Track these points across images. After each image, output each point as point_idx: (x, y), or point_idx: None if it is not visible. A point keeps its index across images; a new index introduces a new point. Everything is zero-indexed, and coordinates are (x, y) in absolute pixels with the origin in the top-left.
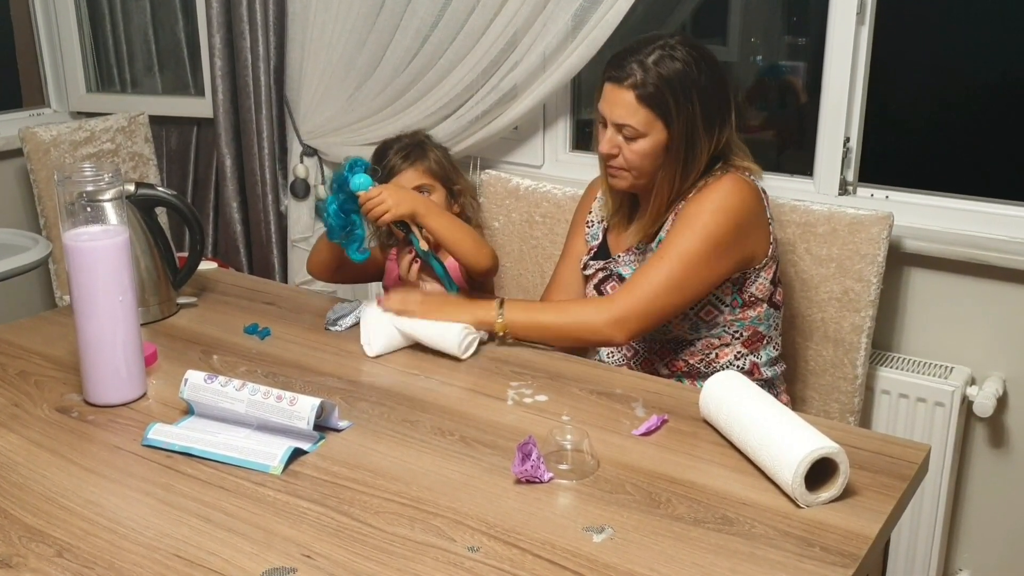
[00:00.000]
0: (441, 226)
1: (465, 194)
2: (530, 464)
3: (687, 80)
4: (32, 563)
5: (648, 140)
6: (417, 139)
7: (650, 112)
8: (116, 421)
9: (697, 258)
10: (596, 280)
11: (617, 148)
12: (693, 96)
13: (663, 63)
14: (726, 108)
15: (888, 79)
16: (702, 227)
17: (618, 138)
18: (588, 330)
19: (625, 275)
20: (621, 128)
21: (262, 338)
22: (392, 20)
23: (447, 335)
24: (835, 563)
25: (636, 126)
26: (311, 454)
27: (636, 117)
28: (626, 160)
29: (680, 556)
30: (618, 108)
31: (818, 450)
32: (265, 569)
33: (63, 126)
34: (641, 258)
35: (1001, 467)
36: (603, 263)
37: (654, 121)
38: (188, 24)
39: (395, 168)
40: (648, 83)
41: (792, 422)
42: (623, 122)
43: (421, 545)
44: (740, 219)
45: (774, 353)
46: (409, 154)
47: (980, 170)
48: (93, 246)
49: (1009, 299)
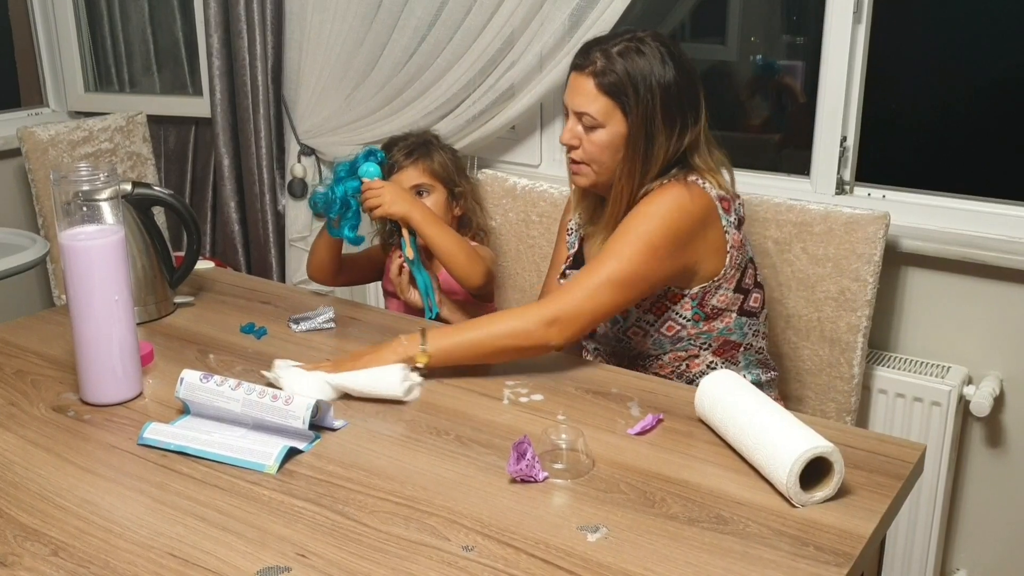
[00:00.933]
0: (434, 236)
1: (467, 197)
2: (525, 463)
3: (649, 73)
4: (27, 562)
5: (607, 131)
6: (424, 138)
7: (609, 100)
8: (112, 420)
9: (631, 259)
10: None
11: (578, 139)
12: (655, 89)
13: (627, 55)
14: (692, 107)
15: (885, 79)
16: (635, 230)
17: (578, 128)
18: (522, 336)
19: None
20: (581, 117)
21: (259, 337)
22: (389, 20)
23: (385, 378)
24: (829, 562)
25: (594, 115)
26: (306, 453)
27: (595, 105)
28: (586, 152)
29: (674, 555)
30: (579, 96)
31: (812, 449)
32: (260, 568)
33: (61, 126)
34: None
35: (998, 466)
36: (577, 271)
37: (612, 111)
38: (186, 24)
39: (397, 164)
40: (608, 71)
41: (787, 421)
42: (582, 110)
43: (416, 544)
44: (678, 228)
45: (755, 358)
46: (412, 151)
47: (977, 169)
48: (89, 245)
49: (1006, 299)
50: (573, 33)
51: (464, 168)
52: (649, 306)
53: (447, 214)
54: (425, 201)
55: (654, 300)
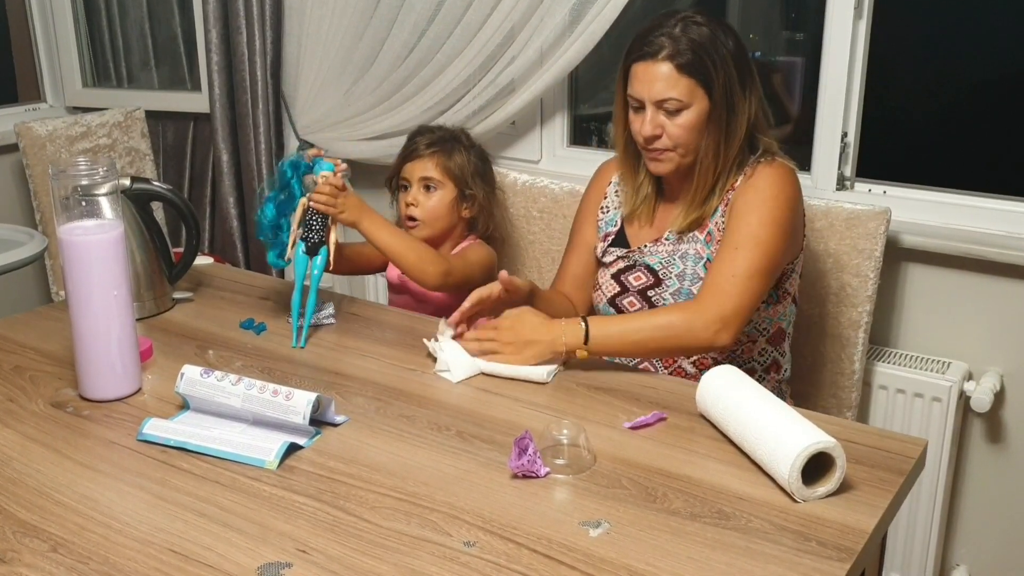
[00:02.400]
0: (383, 242)
1: (476, 201)
2: (527, 459)
3: (718, 44)
4: (26, 558)
5: (692, 111)
6: (451, 134)
7: (691, 80)
8: (111, 416)
9: (770, 243)
10: (615, 269)
11: (660, 128)
12: (728, 59)
13: (690, 30)
14: (752, 73)
15: (886, 74)
16: (768, 212)
17: (660, 116)
18: (688, 336)
19: (653, 265)
20: (662, 104)
21: (258, 333)
22: (389, 15)
23: (535, 370)
24: (831, 557)
25: (679, 97)
26: (307, 449)
27: (678, 88)
28: (671, 138)
29: (676, 550)
30: (657, 83)
31: (815, 444)
32: (260, 564)
33: (59, 121)
34: (677, 248)
35: (998, 462)
36: (624, 251)
37: (695, 89)
38: (184, 19)
39: (415, 150)
40: (683, 51)
41: (788, 416)
42: (664, 96)
43: (417, 540)
44: (796, 208)
45: (790, 350)
46: (433, 144)
47: (978, 165)
48: (87, 240)
49: (1007, 294)
50: (573, 28)
51: (486, 174)
52: None
53: (452, 213)
54: (431, 196)
55: None
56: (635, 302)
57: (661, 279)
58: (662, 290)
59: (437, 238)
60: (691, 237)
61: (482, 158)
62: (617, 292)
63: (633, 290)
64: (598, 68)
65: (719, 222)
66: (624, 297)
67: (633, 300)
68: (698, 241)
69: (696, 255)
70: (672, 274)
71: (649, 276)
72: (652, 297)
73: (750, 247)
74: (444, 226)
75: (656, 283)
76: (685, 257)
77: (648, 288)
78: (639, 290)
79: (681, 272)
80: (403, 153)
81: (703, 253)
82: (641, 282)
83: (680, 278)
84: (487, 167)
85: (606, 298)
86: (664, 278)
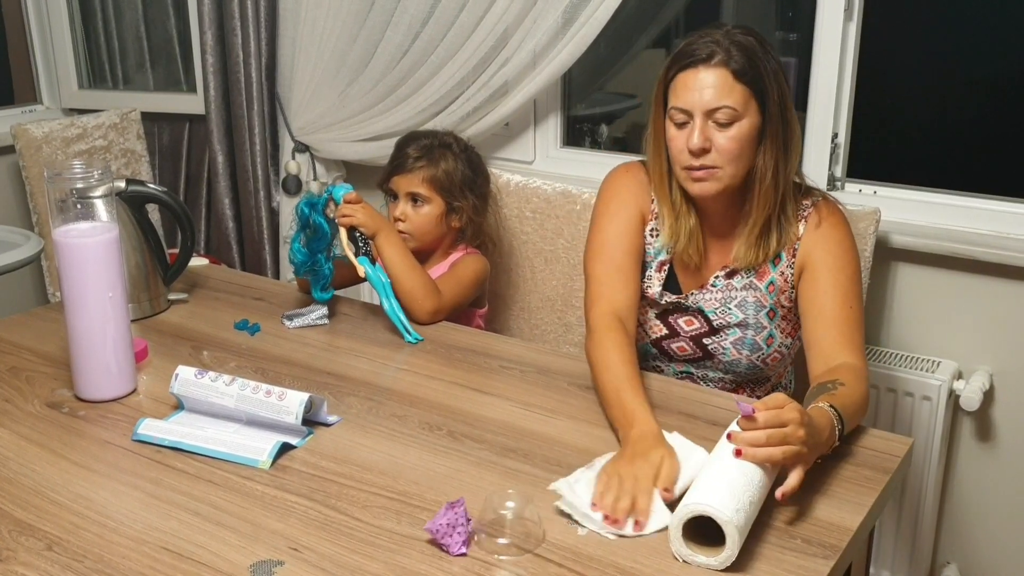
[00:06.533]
0: (389, 258)
1: (465, 212)
2: (444, 523)
3: (767, 56)
4: (22, 556)
5: (746, 123)
6: (441, 141)
7: (746, 88)
8: (106, 416)
9: (860, 298)
10: (660, 309)
11: (709, 141)
12: (779, 71)
13: (737, 37)
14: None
15: (877, 75)
16: (849, 268)
17: (709, 128)
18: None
19: (706, 312)
20: (713, 113)
21: (252, 334)
22: (383, 16)
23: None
24: (816, 554)
25: (734, 105)
26: (299, 448)
27: (733, 95)
28: (720, 153)
29: (662, 548)
30: (709, 90)
31: (699, 506)
32: (252, 562)
33: (55, 123)
34: (729, 294)
35: (988, 460)
36: (676, 298)
37: (749, 99)
38: (180, 21)
39: (403, 164)
40: (737, 57)
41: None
42: (719, 104)
43: (408, 539)
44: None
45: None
46: (420, 156)
47: (968, 165)
48: (83, 243)
49: (996, 294)
50: (566, 30)
51: (476, 181)
52: (791, 329)
53: (440, 226)
54: (419, 210)
55: (795, 323)
56: (686, 347)
57: (716, 328)
58: (720, 339)
59: (426, 249)
60: (747, 283)
61: (472, 164)
62: (665, 335)
63: (684, 335)
64: (591, 70)
65: (786, 273)
66: (674, 341)
67: (684, 345)
68: (757, 289)
69: (757, 303)
70: (731, 323)
71: (703, 322)
72: (709, 345)
73: (853, 306)
74: (433, 238)
75: (711, 331)
76: (744, 306)
77: (703, 336)
78: (691, 336)
79: (742, 322)
80: (391, 164)
81: (765, 303)
82: (693, 327)
83: (742, 327)
84: (478, 173)
85: (649, 338)
86: (720, 327)
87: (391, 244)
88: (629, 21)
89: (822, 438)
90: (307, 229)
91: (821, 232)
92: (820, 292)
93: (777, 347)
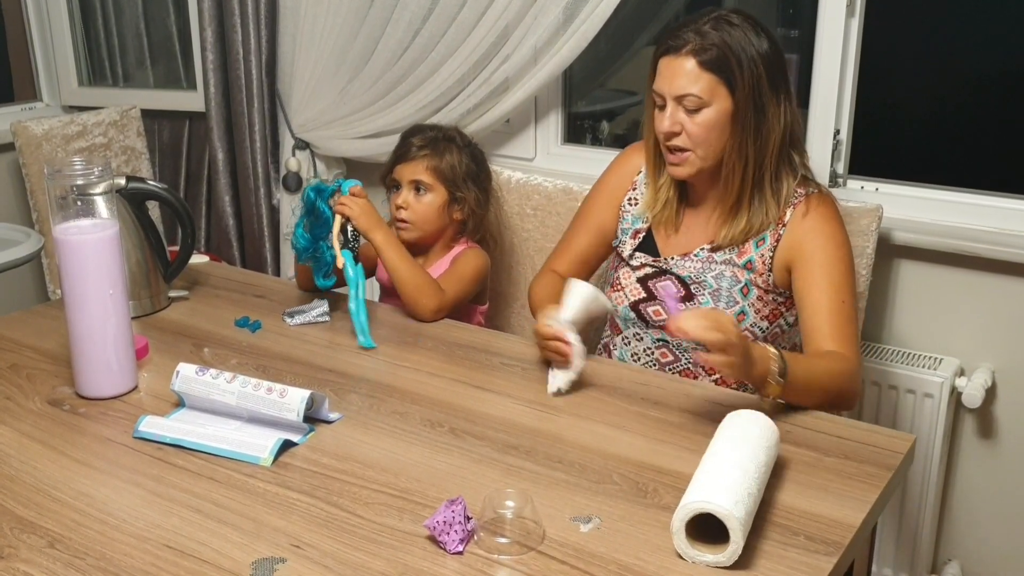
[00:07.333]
0: (389, 258)
1: (467, 204)
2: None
3: (748, 43)
4: (24, 554)
5: (713, 109)
6: (445, 134)
7: (712, 76)
8: (107, 414)
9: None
10: (642, 273)
11: (679, 125)
12: (756, 59)
13: (720, 27)
14: (786, 80)
15: (879, 72)
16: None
17: (679, 114)
18: (851, 393)
19: (684, 277)
20: (682, 100)
21: (253, 331)
22: (383, 13)
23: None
24: (818, 551)
25: (699, 93)
26: (301, 446)
27: (698, 84)
28: (690, 137)
29: (666, 545)
30: (678, 78)
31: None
32: (254, 559)
33: (55, 120)
34: (709, 265)
35: (990, 457)
36: (652, 259)
37: (717, 86)
38: (180, 18)
39: (407, 152)
40: (707, 47)
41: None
42: (684, 92)
43: (410, 536)
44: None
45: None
46: (424, 145)
47: (970, 162)
48: (83, 240)
49: (998, 290)
50: (567, 27)
51: (479, 176)
52: (768, 312)
53: (442, 217)
54: (422, 199)
55: (773, 306)
56: (661, 311)
57: (693, 294)
58: (693, 305)
59: (427, 240)
60: (727, 259)
61: (476, 159)
62: (643, 298)
63: (660, 299)
64: (592, 66)
65: (766, 256)
66: (650, 305)
67: (659, 309)
68: (735, 265)
69: (733, 278)
70: (705, 291)
71: (680, 288)
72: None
73: (844, 294)
74: (434, 228)
75: (687, 297)
76: (720, 278)
77: (679, 300)
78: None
79: (715, 291)
80: (395, 154)
81: (741, 278)
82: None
83: (714, 297)
84: (481, 168)
85: (628, 301)
86: (696, 293)
87: (391, 245)
88: (630, 18)
89: (753, 354)
90: (311, 215)
91: (811, 223)
92: (814, 286)
93: (749, 326)
